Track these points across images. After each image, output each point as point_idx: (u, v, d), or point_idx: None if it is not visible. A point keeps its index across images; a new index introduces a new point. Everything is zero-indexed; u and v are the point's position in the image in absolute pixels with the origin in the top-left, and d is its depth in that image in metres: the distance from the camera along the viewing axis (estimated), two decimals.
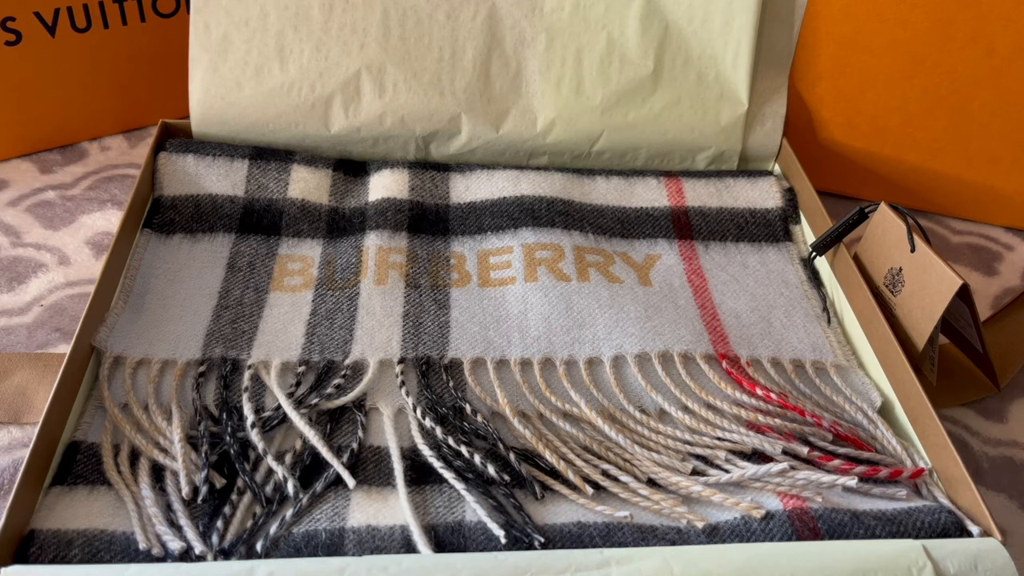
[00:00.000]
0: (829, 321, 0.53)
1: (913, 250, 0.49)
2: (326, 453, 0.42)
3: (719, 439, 0.44)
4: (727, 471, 0.42)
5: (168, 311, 0.50)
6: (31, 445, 0.39)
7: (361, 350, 0.48)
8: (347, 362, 0.47)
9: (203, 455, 0.41)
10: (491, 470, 0.41)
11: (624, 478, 0.42)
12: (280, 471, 0.41)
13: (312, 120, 0.60)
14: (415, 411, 0.44)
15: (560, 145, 0.62)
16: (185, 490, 0.39)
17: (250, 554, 0.37)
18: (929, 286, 0.48)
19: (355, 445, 0.43)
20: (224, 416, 0.43)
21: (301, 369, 0.47)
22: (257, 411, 0.44)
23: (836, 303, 0.54)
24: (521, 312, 0.51)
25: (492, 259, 0.55)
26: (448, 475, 0.41)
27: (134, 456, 0.42)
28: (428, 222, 0.57)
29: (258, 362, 0.47)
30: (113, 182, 0.68)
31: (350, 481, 0.40)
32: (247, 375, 0.46)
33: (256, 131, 0.60)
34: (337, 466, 0.41)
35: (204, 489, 0.40)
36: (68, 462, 0.41)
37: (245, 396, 0.44)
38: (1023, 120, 0.64)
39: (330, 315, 0.50)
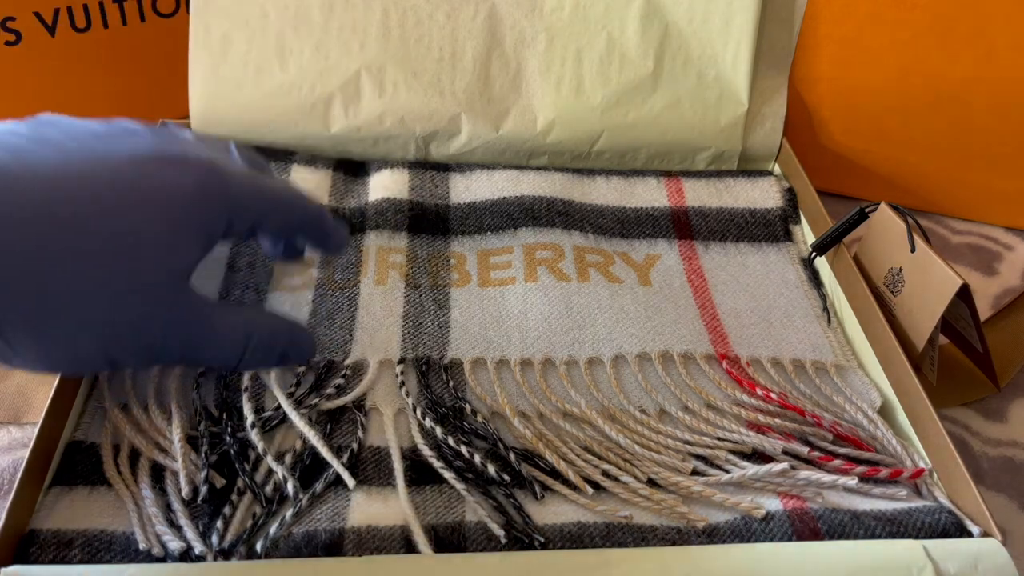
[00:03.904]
0: (829, 321, 0.53)
1: (913, 250, 0.49)
2: (326, 453, 0.41)
3: (719, 439, 0.44)
4: (727, 471, 0.42)
5: None
6: (31, 445, 0.39)
7: (361, 350, 0.48)
8: (347, 362, 0.47)
9: (203, 455, 0.41)
10: (491, 470, 0.41)
11: (624, 478, 0.42)
12: (280, 471, 0.41)
13: (312, 120, 0.60)
14: (415, 411, 0.44)
15: (560, 145, 0.62)
16: (185, 490, 0.39)
17: (250, 554, 0.37)
18: (929, 286, 0.48)
19: (355, 445, 0.43)
20: (224, 416, 0.43)
21: (301, 369, 0.47)
22: (257, 411, 0.44)
23: (836, 303, 0.54)
24: (521, 312, 0.51)
25: (492, 259, 0.55)
26: (448, 475, 0.41)
27: (134, 456, 0.42)
28: (428, 222, 0.57)
29: None
30: None
31: (350, 481, 0.40)
32: (247, 375, 0.46)
33: (256, 131, 0.60)
34: (337, 466, 0.41)
35: (204, 489, 0.40)
36: (68, 462, 0.41)
37: (245, 396, 0.44)
38: (1023, 120, 0.64)
39: (330, 315, 0.50)
